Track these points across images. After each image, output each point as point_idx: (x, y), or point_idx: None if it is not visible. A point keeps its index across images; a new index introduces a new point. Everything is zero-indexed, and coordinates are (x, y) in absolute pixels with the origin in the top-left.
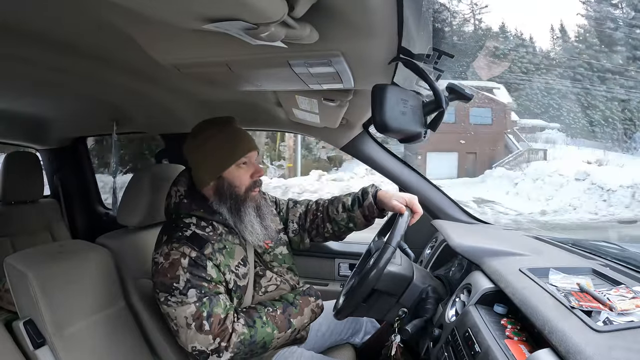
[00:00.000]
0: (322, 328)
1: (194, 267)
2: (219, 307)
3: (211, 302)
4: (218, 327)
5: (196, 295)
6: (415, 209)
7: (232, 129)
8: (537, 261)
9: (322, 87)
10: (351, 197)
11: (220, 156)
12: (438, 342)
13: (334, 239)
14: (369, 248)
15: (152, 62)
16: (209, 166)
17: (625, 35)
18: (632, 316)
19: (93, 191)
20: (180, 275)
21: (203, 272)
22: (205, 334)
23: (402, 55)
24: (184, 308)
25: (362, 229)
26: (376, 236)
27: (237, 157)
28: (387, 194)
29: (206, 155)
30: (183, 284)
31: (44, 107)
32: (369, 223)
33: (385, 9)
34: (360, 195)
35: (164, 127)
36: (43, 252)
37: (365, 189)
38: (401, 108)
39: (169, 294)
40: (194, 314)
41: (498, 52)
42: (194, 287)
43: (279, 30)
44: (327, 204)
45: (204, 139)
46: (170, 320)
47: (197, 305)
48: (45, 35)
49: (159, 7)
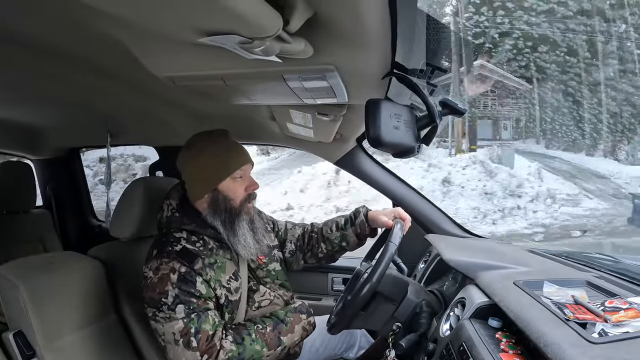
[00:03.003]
0: (315, 343)
1: (182, 283)
2: (207, 324)
3: (199, 318)
4: (206, 344)
5: (184, 311)
6: (403, 217)
7: (227, 142)
8: (531, 274)
9: (316, 102)
10: (344, 217)
11: (215, 168)
12: (433, 357)
13: (327, 260)
14: (357, 271)
15: (147, 74)
16: (204, 178)
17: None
18: (628, 327)
19: (86, 202)
20: (168, 290)
21: (192, 287)
22: (192, 350)
23: (396, 70)
24: (171, 324)
25: (354, 248)
26: (363, 260)
27: (233, 170)
28: (376, 212)
29: (201, 167)
30: (171, 299)
31: (39, 117)
32: (361, 242)
33: (380, 25)
34: (353, 215)
35: (159, 140)
36: (34, 263)
37: (357, 209)
38: (394, 123)
39: (158, 309)
40: (182, 330)
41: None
42: (182, 303)
43: (273, 44)
44: (321, 226)
45: (198, 151)
46: (158, 335)
47: (185, 321)
48: (42, 45)
49: (156, 20)
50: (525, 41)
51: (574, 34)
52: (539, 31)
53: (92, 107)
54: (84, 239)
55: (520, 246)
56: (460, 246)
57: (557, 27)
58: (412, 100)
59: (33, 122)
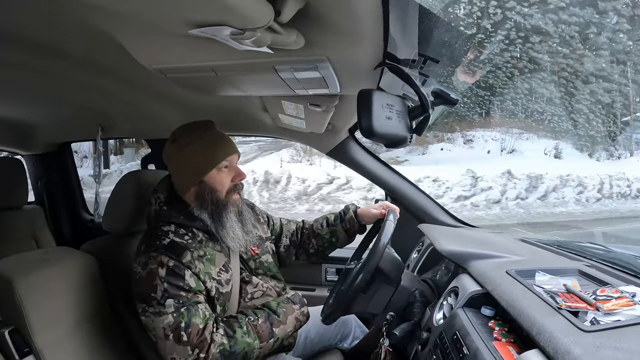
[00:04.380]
0: (310, 334)
1: (171, 277)
2: (197, 317)
3: (189, 312)
4: (197, 338)
5: (174, 305)
6: (392, 207)
7: (213, 133)
8: (523, 263)
9: (308, 93)
10: (334, 214)
11: (201, 160)
12: (426, 346)
13: (318, 256)
14: (346, 268)
15: (138, 67)
16: (190, 171)
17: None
18: (619, 315)
19: (78, 197)
20: (157, 285)
21: (181, 281)
22: (183, 345)
23: (388, 60)
24: (161, 319)
25: (344, 244)
26: (351, 259)
27: (218, 161)
28: (365, 208)
29: (186, 160)
30: (160, 294)
31: (29, 112)
32: (351, 238)
33: (371, 15)
34: (342, 212)
35: (150, 133)
36: (28, 259)
37: (347, 206)
38: (387, 113)
39: (147, 305)
40: (172, 324)
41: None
42: (171, 297)
43: (265, 35)
44: (312, 222)
45: (183, 144)
46: (149, 331)
47: (174, 315)
48: (30, 39)
49: (146, 12)
50: (518, 32)
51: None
52: (532, 22)
53: (83, 101)
54: (77, 234)
55: (512, 235)
56: (453, 236)
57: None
58: (404, 91)
59: (23, 118)
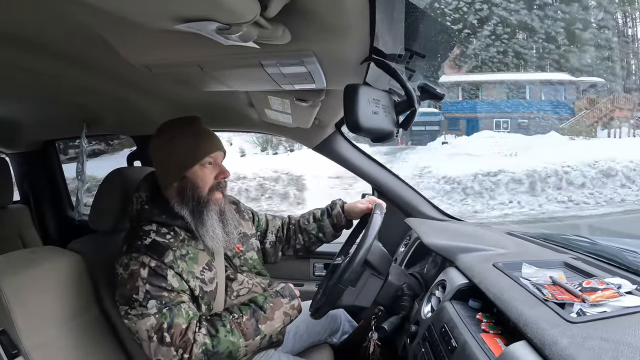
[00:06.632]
0: (299, 330)
1: (153, 278)
2: (180, 317)
3: (171, 312)
4: (179, 338)
5: (156, 306)
6: (379, 202)
7: (197, 129)
8: (510, 256)
9: (295, 88)
10: (320, 209)
11: (183, 155)
12: (415, 339)
13: (304, 252)
14: (333, 264)
15: (123, 63)
16: (172, 166)
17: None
18: (605, 307)
19: (64, 195)
20: (139, 286)
21: (163, 282)
22: (167, 346)
23: (375, 55)
24: (144, 321)
25: (330, 239)
26: (337, 255)
27: (202, 157)
28: (352, 203)
29: (170, 154)
30: (142, 295)
31: (12, 109)
32: (337, 233)
33: (358, 9)
34: (329, 207)
35: (136, 129)
36: (14, 258)
37: (333, 201)
38: (373, 108)
39: (129, 307)
40: (155, 326)
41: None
42: (153, 299)
43: (251, 30)
44: (299, 218)
45: (168, 138)
46: (133, 333)
47: (157, 317)
48: (12, 34)
49: (131, 7)
50: (505, 27)
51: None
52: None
53: (68, 97)
54: (64, 232)
55: (499, 229)
56: (439, 229)
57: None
58: (390, 85)
59: (6, 115)
